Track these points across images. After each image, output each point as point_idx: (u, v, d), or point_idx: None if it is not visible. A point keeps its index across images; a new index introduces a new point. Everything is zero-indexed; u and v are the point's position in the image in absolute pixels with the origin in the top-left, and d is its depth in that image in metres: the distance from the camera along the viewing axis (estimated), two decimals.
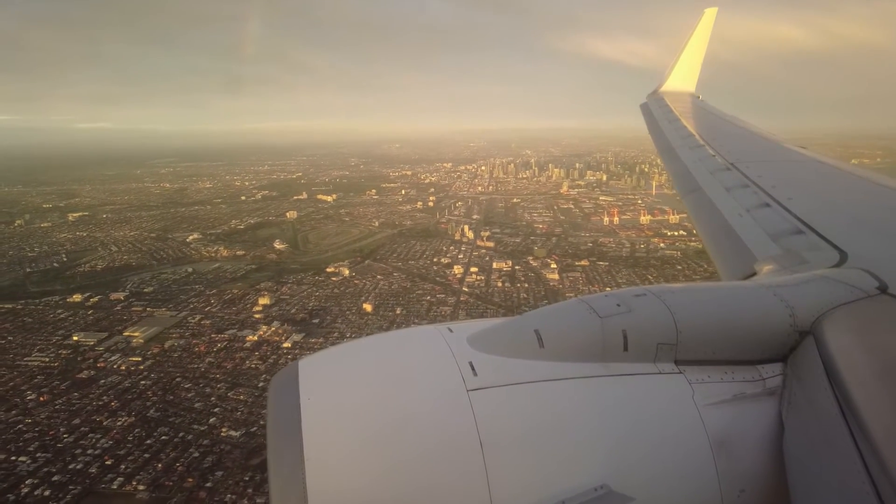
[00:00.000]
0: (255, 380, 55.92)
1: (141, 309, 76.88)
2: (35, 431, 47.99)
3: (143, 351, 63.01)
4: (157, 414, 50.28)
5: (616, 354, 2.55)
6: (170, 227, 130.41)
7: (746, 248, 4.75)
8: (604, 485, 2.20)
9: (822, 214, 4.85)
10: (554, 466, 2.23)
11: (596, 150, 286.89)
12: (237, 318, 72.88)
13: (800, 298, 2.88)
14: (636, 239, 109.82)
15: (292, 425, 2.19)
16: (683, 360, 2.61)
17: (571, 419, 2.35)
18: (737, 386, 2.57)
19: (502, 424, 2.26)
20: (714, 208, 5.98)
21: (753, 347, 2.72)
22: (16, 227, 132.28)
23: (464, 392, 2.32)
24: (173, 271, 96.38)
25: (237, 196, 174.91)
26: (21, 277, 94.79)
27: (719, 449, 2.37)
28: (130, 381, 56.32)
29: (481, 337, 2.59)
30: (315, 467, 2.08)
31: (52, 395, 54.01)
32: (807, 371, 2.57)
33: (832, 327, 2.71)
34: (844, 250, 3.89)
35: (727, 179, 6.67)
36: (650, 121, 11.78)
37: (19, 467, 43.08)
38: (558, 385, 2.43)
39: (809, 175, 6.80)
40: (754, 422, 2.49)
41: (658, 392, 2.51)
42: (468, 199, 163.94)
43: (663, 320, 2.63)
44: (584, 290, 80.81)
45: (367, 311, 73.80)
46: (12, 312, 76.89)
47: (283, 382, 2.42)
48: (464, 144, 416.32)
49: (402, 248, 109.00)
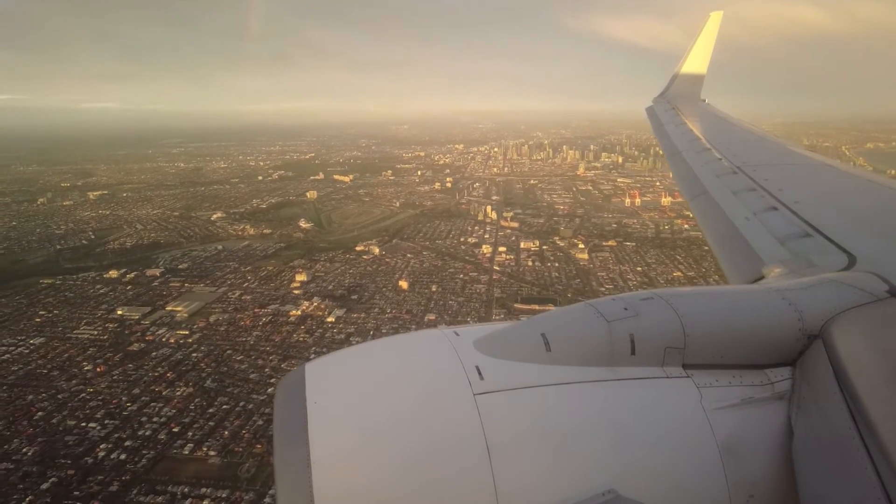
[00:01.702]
0: (306, 352, 57.10)
1: (179, 284, 78.07)
2: (98, 400, 49.39)
3: (188, 325, 64.26)
4: (214, 384, 51.55)
5: (623, 358, 2.54)
6: (192, 206, 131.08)
7: (754, 251, 4.72)
8: (612, 490, 2.20)
9: (831, 217, 4.82)
10: (561, 471, 2.22)
11: (608, 133, 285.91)
12: (276, 293, 74.00)
13: (808, 302, 2.86)
14: (659, 220, 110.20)
15: (299, 429, 2.19)
16: (691, 364, 2.60)
17: (579, 424, 2.34)
18: (745, 390, 2.56)
19: (509, 429, 2.25)
20: (721, 212, 5.96)
21: (762, 351, 2.70)
22: (39, 205, 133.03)
23: (470, 396, 2.31)
24: (203, 248, 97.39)
25: (254, 176, 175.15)
26: (53, 254, 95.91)
27: (728, 454, 2.35)
28: (182, 354, 57.63)
29: (488, 340, 2.59)
30: (322, 471, 2.08)
31: (107, 366, 55.36)
32: (816, 375, 2.54)
33: (841, 331, 2.69)
34: (853, 253, 3.86)
35: (734, 183, 6.62)
36: (656, 124, 11.79)
37: (91, 433, 44.53)
38: (565, 389, 2.42)
39: (817, 178, 6.73)
40: (763, 426, 2.47)
41: (666, 396, 2.49)
42: (485, 180, 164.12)
43: (671, 324, 2.63)
44: (615, 269, 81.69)
45: (403, 289, 74.78)
46: (53, 287, 78.13)
47: (290, 386, 2.42)
48: (472, 126, 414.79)
49: (426, 227, 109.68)
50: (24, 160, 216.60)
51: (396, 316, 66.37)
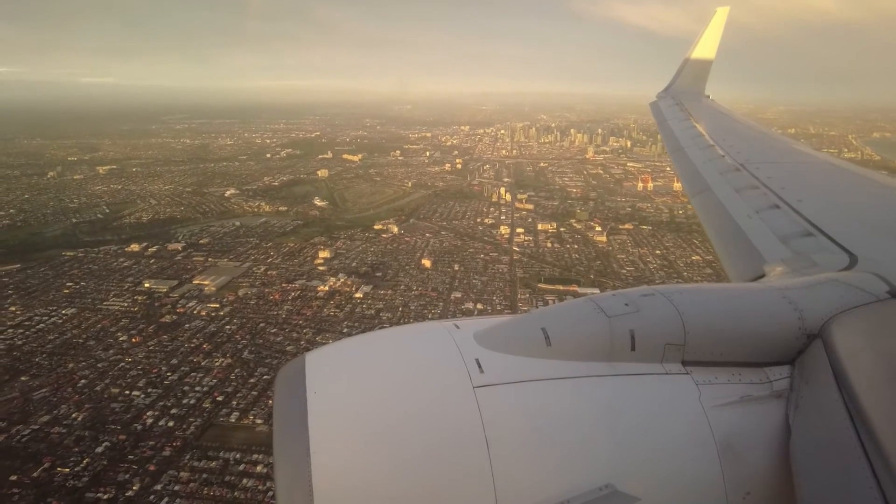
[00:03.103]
0: (338, 326, 58.04)
1: (202, 259, 78.51)
2: (138, 370, 50.12)
3: (217, 298, 64.83)
4: (251, 356, 52.36)
5: (623, 354, 2.55)
6: (203, 182, 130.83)
7: (755, 249, 4.71)
8: (608, 484, 2.21)
9: (833, 217, 4.82)
10: (559, 465, 2.23)
11: (613, 117, 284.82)
12: (301, 269, 74.58)
13: (809, 301, 2.87)
14: (672, 205, 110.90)
15: (299, 418, 2.20)
16: (691, 361, 2.61)
17: (577, 418, 2.34)
18: (744, 388, 2.56)
19: (508, 422, 2.27)
20: (723, 209, 5.94)
21: (761, 350, 2.71)
22: (49, 178, 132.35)
23: (470, 389, 2.33)
24: (220, 224, 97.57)
25: (262, 154, 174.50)
26: (70, 227, 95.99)
27: (725, 451, 2.36)
28: (215, 326, 58.30)
29: (488, 334, 2.61)
30: (321, 460, 2.10)
31: (142, 336, 56.03)
32: (815, 374, 2.55)
33: (841, 331, 2.70)
34: (855, 253, 3.87)
35: (737, 180, 6.58)
36: (660, 120, 11.78)
37: (136, 401, 45.36)
38: (565, 384, 2.43)
39: (820, 177, 6.69)
40: (761, 424, 2.47)
41: (665, 393, 2.50)
42: (494, 162, 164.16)
43: (671, 321, 2.64)
44: (634, 252, 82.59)
45: (426, 267, 75.47)
46: (76, 260, 78.47)
47: (290, 375, 2.43)
48: (476, 107, 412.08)
49: (441, 208, 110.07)
50: (26, 133, 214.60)
51: (423, 293, 67.13)
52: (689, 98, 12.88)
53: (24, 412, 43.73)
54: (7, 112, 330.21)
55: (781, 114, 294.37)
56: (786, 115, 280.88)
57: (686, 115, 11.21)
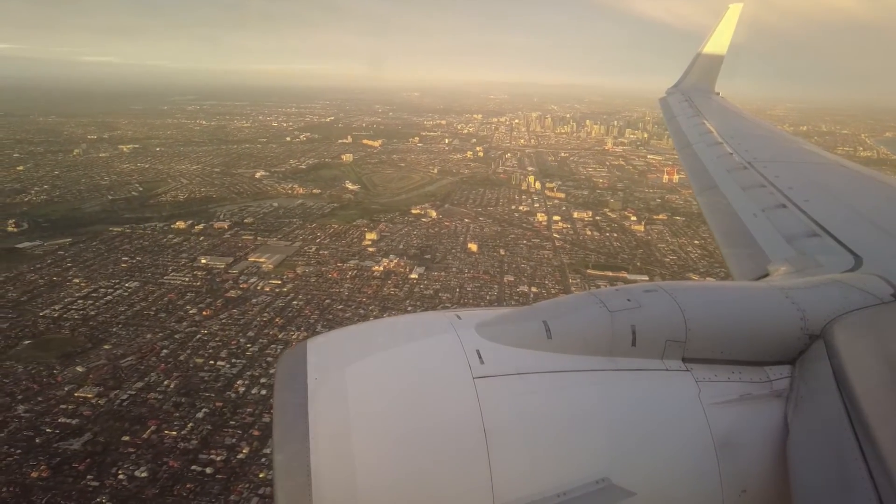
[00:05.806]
0: (400, 304, 59.42)
1: (251, 238, 79.42)
2: (216, 341, 51.32)
3: (278, 275, 65.96)
4: (326, 330, 53.47)
5: (624, 349, 2.56)
6: (230, 163, 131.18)
7: (760, 248, 4.71)
8: (605, 478, 2.22)
9: (839, 218, 4.80)
10: (556, 457, 2.25)
11: (622, 109, 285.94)
12: (350, 250, 75.74)
13: (811, 302, 2.87)
14: None
15: (299, 404, 2.22)
16: (691, 357, 2.61)
17: (576, 411, 2.35)
18: (743, 386, 2.56)
19: (507, 413, 2.27)
20: (729, 207, 5.93)
21: (762, 348, 2.71)
22: (75, 156, 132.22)
23: (469, 379, 2.33)
24: (258, 205, 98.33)
25: (281, 137, 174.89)
26: (108, 204, 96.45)
27: (723, 448, 2.36)
28: (282, 301, 59.49)
29: (490, 325, 2.61)
30: (320, 446, 2.11)
31: (212, 310, 57.18)
32: (815, 375, 2.55)
33: (843, 332, 2.70)
34: (860, 255, 3.86)
35: (744, 179, 6.57)
36: (668, 116, 11.74)
37: (222, 370, 46.64)
38: (564, 377, 2.44)
39: (828, 177, 6.62)
40: (759, 423, 2.48)
41: (664, 389, 2.51)
42: (515, 151, 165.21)
43: (673, 317, 2.64)
44: (673, 241, 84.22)
45: (473, 251, 76.79)
46: (124, 235, 79.22)
47: (291, 362, 2.43)
48: (484, 96, 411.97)
49: (472, 195, 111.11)
50: (39, 111, 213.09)
51: (475, 276, 68.48)
52: (698, 94, 12.88)
53: (117, 378, 44.95)
54: (15, 89, 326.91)
55: (790, 111, 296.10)
56: (794, 113, 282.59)
57: (695, 112, 11.22)
